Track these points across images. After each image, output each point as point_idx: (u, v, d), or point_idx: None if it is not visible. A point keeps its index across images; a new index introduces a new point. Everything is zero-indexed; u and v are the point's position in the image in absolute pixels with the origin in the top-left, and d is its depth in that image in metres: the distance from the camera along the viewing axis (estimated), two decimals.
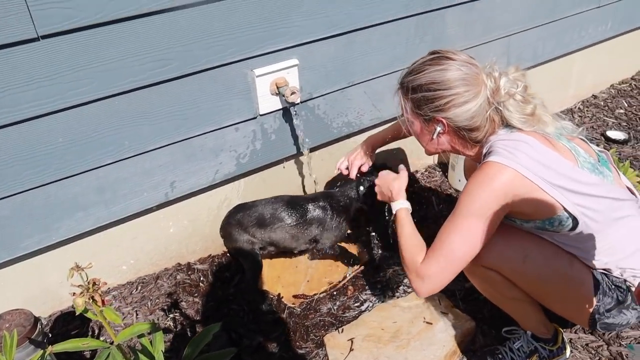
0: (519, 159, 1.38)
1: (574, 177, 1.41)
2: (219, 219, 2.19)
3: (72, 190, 1.76)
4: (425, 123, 1.53)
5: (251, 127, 2.03)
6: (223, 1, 1.71)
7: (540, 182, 1.38)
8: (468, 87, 1.42)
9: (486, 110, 1.44)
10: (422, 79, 1.46)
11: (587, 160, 1.47)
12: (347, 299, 2.03)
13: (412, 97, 1.50)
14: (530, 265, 1.51)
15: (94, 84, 1.61)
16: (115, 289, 2.08)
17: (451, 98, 1.43)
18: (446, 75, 1.43)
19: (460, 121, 1.45)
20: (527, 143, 1.41)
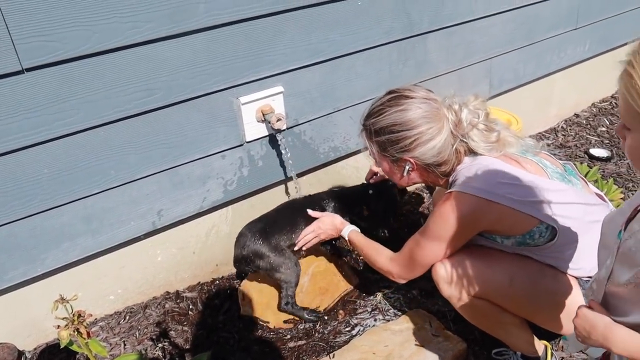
0: (481, 185, 1.41)
1: (545, 187, 1.43)
2: (207, 246, 2.18)
3: (59, 220, 1.75)
4: (393, 163, 1.57)
5: (238, 154, 2.05)
6: (207, 31, 1.74)
7: (509, 202, 1.40)
8: (430, 124, 1.44)
9: (451, 143, 1.47)
10: (383, 122, 1.49)
11: (555, 170, 1.50)
12: (337, 323, 2.02)
13: (376, 140, 1.54)
14: (517, 287, 1.52)
15: (80, 114, 1.62)
16: (103, 319, 2.06)
17: (415, 137, 1.45)
18: (407, 115, 1.45)
19: (427, 158, 1.49)
20: (490, 167, 1.44)
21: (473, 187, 1.42)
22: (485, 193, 1.40)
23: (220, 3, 1.72)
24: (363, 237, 1.85)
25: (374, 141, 1.55)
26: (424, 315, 2.00)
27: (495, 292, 1.55)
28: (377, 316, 2.04)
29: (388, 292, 2.15)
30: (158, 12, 1.61)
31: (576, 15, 2.97)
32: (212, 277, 2.27)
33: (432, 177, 1.59)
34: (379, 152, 1.57)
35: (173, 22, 1.66)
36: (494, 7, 2.55)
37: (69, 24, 1.49)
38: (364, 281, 2.21)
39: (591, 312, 0.99)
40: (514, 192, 1.40)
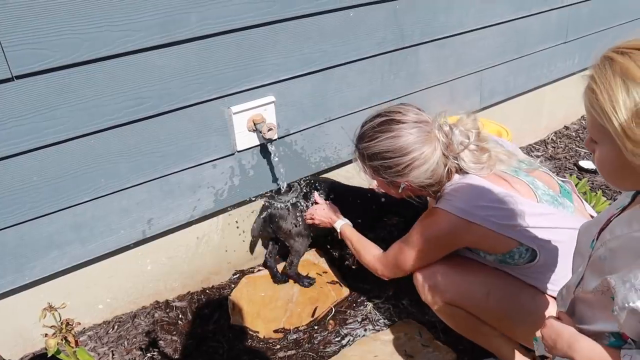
0: (463, 205, 1.43)
1: (529, 211, 1.44)
2: (197, 255, 2.18)
3: (47, 229, 1.74)
4: (388, 183, 1.59)
5: (229, 163, 2.05)
6: (199, 40, 1.75)
7: (488, 224, 1.42)
8: (423, 149, 1.46)
9: (443, 164, 1.49)
10: (375, 148, 1.51)
11: (546, 192, 1.51)
12: (327, 333, 2.02)
13: (370, 164, 1.56)
14: (493, 301, 1.54)
15: (70, 122, 1.62)
16: (91, 328, 2.04)
17: (408, 163, 1.47)
18: (399, 142, 1.47)
19: (421, 180, 1.51)
20: (475, 187, 1.46)
21: (455, 207, 1.45)
22: (465, 213, 1.43)
23: (212, 13, 1.73)
24: (355, 232, 1.90)
25: (367, 165, 1.58)
26: (414, 326, 2.00)
27: (471, 303, 1.57)
28: (367, 326, 2.04)
29: (378, 302, 2.14)
30: (150, 21, 1.62)
31: (566, 29, 3.01)
32: (202, 286, 2.26)
33: (426, 192, 1.62)
34: (373, 174, 1.60)
35: (165, 31, 1.66)
36: (485, 20, 2.58)
37: (60, 32, 1.49)
38: (354, 291, 2.21)
39: (558, 323, 1.02)
40: (495, 214, 1.43)
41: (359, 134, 1.60)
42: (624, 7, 3.29)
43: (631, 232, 0.87)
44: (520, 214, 1.42)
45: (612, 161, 0.84)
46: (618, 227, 0.91)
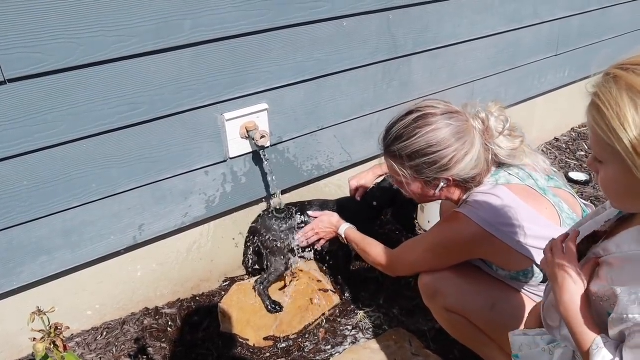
0: (488, 217, 1.40)
1: (551, 235, 1.39)
2: (188, 262, 2.17)
3: (37, 233, 1.73)
4: (427, 184, 1.52)
5: (221, 170, 2.05)
6: (193, 47, 1.75)
7: (510, 241, 1.40)
8: (465, 138, 1.42)
9: (485, 151, 1.45)
10: (415, 145, 1.44)
11: (569, 216, 1.47)
12: (318, 341, 2.01)
13: (410, 165, 1.48)
14: (497, 314, 1.52)
15: (62, 127, 1.62)
16: (80, 335, 2.02)
17: (453, 155, 1.42)
18: (440, 135, 1.41)
19: (466, 173, 1.46)
20: (504, 201, 1.41)
21: (480, 217, 1.41)
22: (489, 226, 1.39)
23: (206, 20, 1.74)
24: (359, 233, 1.89)
25: (407, 166, 1.49)
26: (404, 334, 2.00)
27: (475, 313, 1.56)
28: (357, 335, 2.03)
29: (369, 310, 2.14)
30: (144, 27, 1.63)
31: (556, 42, 3.05)
32: (192, 293, 2.24)
33: (457, 192, 1.56)
34: (412, 176, 1.51)
35: (159, 38, 1.67)
36: (477, 32, 2.60)
37: (54, 36, 1.49)
38: (345, 300, 2.20)
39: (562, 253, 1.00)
40: (518, 232, 1.40)
41: (393, 135, 1.50)
42: (613, 21, 3.34)
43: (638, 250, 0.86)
44: (542, 237, 1.38)
45: (620, 181, 0.82)
46: (625, 243, 0.89)
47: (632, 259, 0.86)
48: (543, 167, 1.54)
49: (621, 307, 0.84)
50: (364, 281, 2.31)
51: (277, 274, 2.16)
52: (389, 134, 1.52)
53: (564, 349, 1.07)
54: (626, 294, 0.84)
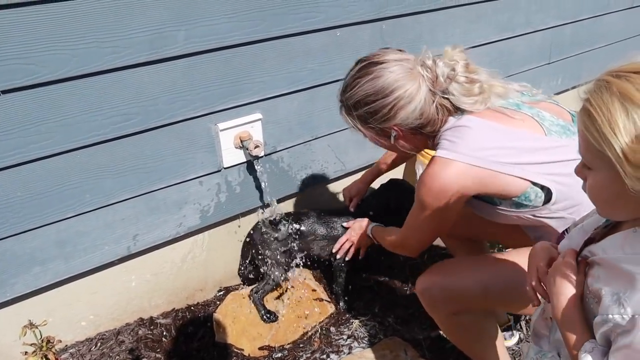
0: (464, 149, 1.32)
1: (537, 146, 1.33)
2: (182, 272, 2.17)
3: (30, 244, 1.73)
4: (378, 134, 1.47)
5: (215, 180, 2.05)
6: (186, 58, 1.76)
7: (495, 166, 1.31)
8: (406, 86, 1.35)
9: (432, 101, 1.37)
10: (358, 94, 1.39)
11: (554, 123, 1.39)
12: (313, 351, 2.01)
13: (356, 115, 1.44)
14: (492, 295, 1.48)
15: (56, 137, 1.62)
16: (73, 345, 2.01)
17: (393, 104, 1.36)
18: (380, 82, 1.35)
19: (411, 122, 1.39)
20: (473, 128, 1.34)
21: (455, 151, 1.33)
22: (467, 157, 1.31)
23: (200, 31, 1.75)
24: (381, 228, 1.87)
25: (354, 116, 1.45)
26: (400, 343, 1.99)
27: (473, 304, 1.52)
28: (352, 344, 2.03)
29: (364, 319, 2.14)
30: (138, 38, 1.64)
31: (549, 50, 3.08)
32: (187, 303, 2.24)
33: (422, 141, 1.49)
34: (361, 126, 1.47)
35: (153, 49, 1.68)
36: (470, 41, 2.62)
37: (48, 48, 1.50)
38: (340, 309, 2.20)
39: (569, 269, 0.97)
40: (499, 154, 1.32)
41: (342, 86, 1.46)
42: (604, 30, 3.37)
43: (624, 256, 0.86)
44: (527, 151, 1.32)
45: (608, 188, 0.82)
46: (610, 248, 0.90)
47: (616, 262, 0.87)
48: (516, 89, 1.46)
49: (603, 308, 0.85)
50: (359, 290, 2.31)
51: (273, 283, 2.16)
52: (342, 86, 1.47)
53: (550, 358, 1.07)
54: (609, 294, 0.85)
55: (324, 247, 2.18)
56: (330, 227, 2.16)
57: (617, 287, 0.84)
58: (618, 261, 0.87)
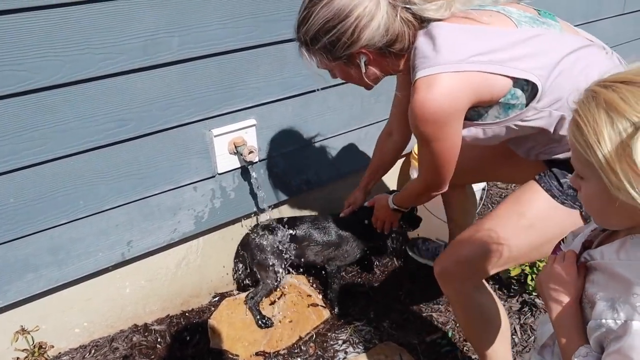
0: (442, 59, 1.26)
1: (512, 40, 1.28)
2: (177, 278, 2.16)
3: (23, 251, 1.72)
4: (346, 64, 1.39)
5: (210, 185, 2.05)
6: (180, 64, 1.77)
7: (478, 66, 1.26)
8: (364, 3, 1.26)
9: (395, 14, 1.29)
10: (315, 24, 1.31)
11: (522, 15, 1.35)
12: (308, 356, 2.00)
13: (318, 48, 1.35)
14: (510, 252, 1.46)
15: (49, 144, 1.62)
16: (67, 353, 1.99)
17: (355, 24, 1.28)
18: (335, 5, 1.27)
19: (378, 40, 1.31)
20: (445, 35, 1.28)
21: (434, 66, 1.26)
22: (449, 66, 1.25)
23: (193, 37, 1.75)
24: (399, 194, 1.88)
25: (316, 50, 1.36)
26: (395, 348, 1.99)
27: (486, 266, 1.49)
28: (347, 349, 2.03)
29: (359, 324, 2.14)
30: (131, 44, 1.64)
31: None
32: (181, 309, 2.23)
33: (393, 63, 1.40)
34: (328, 60, 1.38)
35: (146, 55, 1.68)
36: None
37: (40, 54, 1.50)
38: (335, 314, 2.20)
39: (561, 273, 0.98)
40: (478, 54, 1.26)
41: (297, 23, 1.36)
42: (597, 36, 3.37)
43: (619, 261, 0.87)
44: (503, 47, 1.27)
45: (599, 197, 0.82)
46: (607, 254, 0.91)
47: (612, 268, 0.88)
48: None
49: (597, 313, 0.85)
50: (354, 295, 2.31)
51: (268, 289, 2.16)
52: (296, 21, 1.38)
53: None
54: (604, 300, 0.85)
55: (318, 252, 2.18)
56: (325, 233, 2.16)
57: (612, 293, 0.85)
58: (613, 266, 0.88)
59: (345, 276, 2.41)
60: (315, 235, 2.16)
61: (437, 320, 2.17)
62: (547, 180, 1.44)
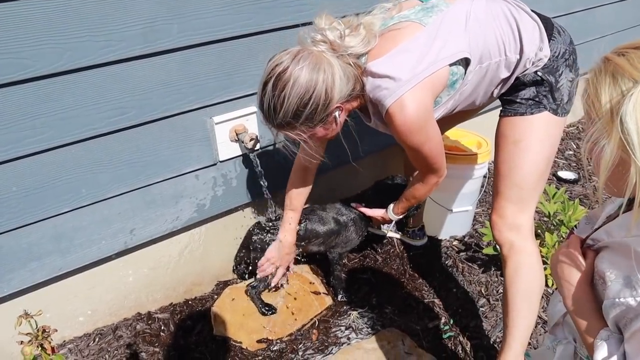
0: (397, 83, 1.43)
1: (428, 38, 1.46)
2: (180, 266, 2.17)
3: (26, 240, 1.73)
4: (326, 123, 1.52)
5: (211, 173, 2.05)
6: (180, 51, 1.76)
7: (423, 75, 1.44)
8: (322, 67, 1.40)
9: (345, 63, 1.45)
10: (291, 105, 1.41)
11: (416, 12, 1.53)
12: (311, 343, 2.01)
13: (301, 122, 1.46)
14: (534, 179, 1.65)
15: (51, 132, 1.62)
16: (72, 341, 2.01)
17: (324, 88, 1.41)
18: (301, 81, 1.39)
19: (345, 90, 1.46)
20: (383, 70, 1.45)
21: (395, 92, 1.43)
22: (405, 86, 1.42)
23: (193, 24, 1.75)
24: (398, 203, 1.95)
25: (299, 127, 1.48)
26: (397, 334, 2.00)
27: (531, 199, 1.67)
28: (350, 335, 2.04)
29: (362, 311, 2.15)
30: (131, 31, 1.64)
31: None
32: (184, 297, 2.24)
33: (358, 101, 1.57)
34: (308, 130, 1.50)
35: (146, 42, 1.68)
36: None
37: (41, 42, 1.49)
38: (337, 301, 2.21)
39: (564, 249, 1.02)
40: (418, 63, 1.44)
41: (269, 112, 1.46)
42: (597, 22, 3.39)
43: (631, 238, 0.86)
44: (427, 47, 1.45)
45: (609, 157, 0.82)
46: (614, 231, 0.91)
47: (621, 244, 0.88)
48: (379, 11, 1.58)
49: (612, 292, 0.85)
50: (357, 282, 2.31)
51: (269, 280, 2.17)
52: (264, 112, 1.49)
53: (565, 345, 1.08)
54: (620, 278, 0.85)
55: (320, 242, 2.19)
56: (325, 222, 2.17)
57: (627, 270, 0.85)
58: (625, 243, 0.87)
59: (347, 263, 2.42)
60: (316, 227, 2.17)
61: (440, 306, 2.18)
62: (508, 109, 1.65)
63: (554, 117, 1.59)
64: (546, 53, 1.57)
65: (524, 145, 1.60)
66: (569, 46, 1.63)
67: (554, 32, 1.61)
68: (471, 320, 2.09)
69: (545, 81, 1.57)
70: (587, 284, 0.95)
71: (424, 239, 2.54)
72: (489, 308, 2.15)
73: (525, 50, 1.55)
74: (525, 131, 1.60)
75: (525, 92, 1.60)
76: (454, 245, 2.56)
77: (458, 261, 2.43)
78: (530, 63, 1.56)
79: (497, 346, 1.92)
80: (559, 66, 1.58)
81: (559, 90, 1.58)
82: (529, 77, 1.58)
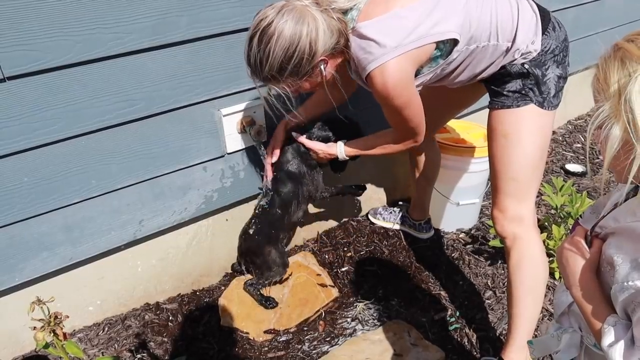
0: (381, 51, 1.44)
1: (425, 10, 1.46)
2: (187, 257, 2.19)
3: (38, 229, 1.75)
4: (311, 76, 1.55)
5: (219, 165, 2.07)
6: (189, 43, 1.77)
7: (410, 45, 1.45)
8: (306, 21, 1.43)
9: (329, 17, 1.47)
10: (276, 58, 1.45)
11: None
12: (317, 334, 2.03)
13: (286, 76, 1.50)
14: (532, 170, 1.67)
15: (61, 123, 1.64)
16: (81, 330, 2.04)
17: (308, 41, 1.44)
18: (285, 34, 1.42)
19: (330, 43, 1.48)
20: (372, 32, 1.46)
21: (379, 57, 1.45)
22: (390, 53, 1.44)
23: (202, 16, 1.75)
24: (354, 142, 1.90)
25: (285, 79, 1.52)
26: (403, 325, 2.02)
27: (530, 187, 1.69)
28: (357, 326, 2.05)
29: (368, 302, 2.16)
30: (141, 23, 1.64)
31: None
32: (192, 288, 2.26)
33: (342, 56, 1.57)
34: (296, 83, 1.55)
35: (156, 34, 1.68)
36: None
37: (52, 34, 1.50)
38: (344, 292, 2.23)
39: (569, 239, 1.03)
40: (406, 34, 1.44)
41: (255, 65, 1.50)
42: (607, 13, 3.36)
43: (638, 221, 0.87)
44: (420, 19, 1.45)
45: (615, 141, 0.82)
46: (621, 216, 0.92)
47: (629, 229, 0.88)
48: None
49: (621, 276, 0.86)
50: (363, 274, 2.33)
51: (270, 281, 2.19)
52: (251, 67, 1.53)
53: (571, 334, 1.09)
54: (627, 262, 0.86)
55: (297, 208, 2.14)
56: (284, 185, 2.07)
57: (634, 253, 0.85)
58: (632, 227, 0.88)
59: (354, 256, 2.43)
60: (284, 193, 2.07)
61: (446, 298, 2.19)
62: (495, 101, 1.66)
63: (540, 109, 1.60)
64: (537, 47, 1.58)
65: (514, 138, 1.62)
66: (562, 43, 1.62)
67: (549, 28, 1.61)
68: (477, 313, 2.11)
69: (531, 74, 1.58)
70: (592, 271, 0.96)
71: (430, 232, 2.55)
72: (495, 300, 2.16)
73: (518, 40, 1.55)
74: (513, 124, 1.62)
75: (512, 84, 1.61)
76: (460, 237, 2.57)
77: (464, 254, 2.44)
78: (519, 54, 1.57)
79: (503, 338, 1.93)
80: (546, 61, 1.59)
81: (546, 83, 1.59)
82: (516, 68, 1.59)
